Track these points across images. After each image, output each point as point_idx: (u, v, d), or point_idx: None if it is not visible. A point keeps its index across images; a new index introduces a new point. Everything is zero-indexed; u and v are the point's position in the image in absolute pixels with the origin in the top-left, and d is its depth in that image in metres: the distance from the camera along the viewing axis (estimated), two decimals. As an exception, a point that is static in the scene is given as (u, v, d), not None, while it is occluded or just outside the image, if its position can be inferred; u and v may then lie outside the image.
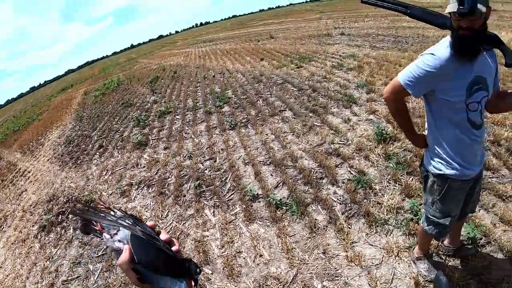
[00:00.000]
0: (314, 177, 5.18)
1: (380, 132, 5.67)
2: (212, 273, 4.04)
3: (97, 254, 5.16)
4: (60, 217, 6.66)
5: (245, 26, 54.40)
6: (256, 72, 12.92)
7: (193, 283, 0.97)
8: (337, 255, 3.79)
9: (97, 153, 9.39)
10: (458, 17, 2.00)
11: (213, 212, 5.09)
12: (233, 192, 5.40)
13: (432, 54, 2.17)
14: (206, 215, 5.07)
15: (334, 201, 4.61)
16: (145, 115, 11.33)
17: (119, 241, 0.94)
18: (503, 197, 4.09)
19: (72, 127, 14.22)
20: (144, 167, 7.35)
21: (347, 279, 3.48)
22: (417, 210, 3.99)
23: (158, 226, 4.84)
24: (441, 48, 2.15)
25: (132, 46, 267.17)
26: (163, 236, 1.00)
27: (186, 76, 16.28)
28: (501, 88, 2.48)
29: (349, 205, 4.45)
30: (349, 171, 5.15)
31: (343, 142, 5.95)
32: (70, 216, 6.50)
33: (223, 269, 3.99)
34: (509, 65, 2.16)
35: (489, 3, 2.03)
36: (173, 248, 0.99)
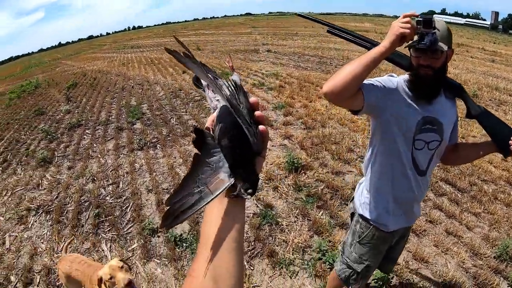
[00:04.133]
0: (218, 210, 4.91)
1: (291, 160, 5.48)
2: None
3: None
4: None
5: (176, 35, 53.44)
6: (176, 86, 12.51)
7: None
8: (237, 302, 3.55)
9: (0, 168, 8.48)
10: (417, 54, 1.89)
11: (110, 246, 4.68)
12: (133, 224, 5.00)
13: (391, 75, 2.09)
14: (103, 250, 4.64)
15: (238, 237, 4.36)
16: (55, 127, 10.45)
17: (218, 100, 0.87)
18: (417, 231, 4.07)
19: (-21, 134, 12.94)
20: (45, 189, 6.67)
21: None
22: (325, 249, 3.82)
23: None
24: (399, 77, 2.06)
25: (60, 45, 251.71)
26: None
27: (105, 84, 15.42)
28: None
29: (253, 243, 4.21)
30: (256, 204, 4.91)
31: (252, 171, 5.70)
32: None
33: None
34: (471, 116, 2.07)
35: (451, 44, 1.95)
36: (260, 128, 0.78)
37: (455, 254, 3.87)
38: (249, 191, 0.72)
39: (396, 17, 1.87)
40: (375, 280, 3.36)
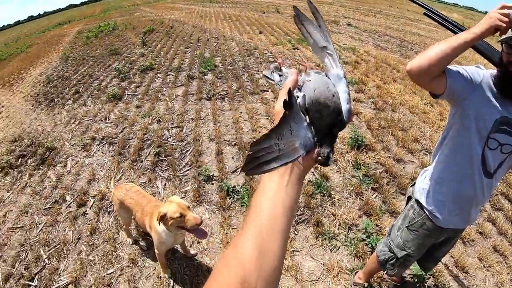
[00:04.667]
0: (275, 171, 4.95)
1: (356, 137, 5.44)
2: (146, 249, 3.94)
3: (45, 206, 5.00)
4: (20, 160, 6.45)
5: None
6: (251, 45, 12.55)
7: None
8: (275, 260, 3.63)
9: (72, 99, 9.10)
10: (509, 51, 1.79)
11: (165, 185, 4.93)
12: (190, 167, 5.23)
13: (478, 66, 2.00)
14: (157, 187, 4.91)
15: (288, 201, 4.40)
16: (128, 67, 10.98)
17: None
18: (465, 239, 3.94)
19: (56, 66, 13.71)
20: (111, 122, 7.12)
21: (278, 288, 3.34)
22: (371, 232, 3.82)
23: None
24: (486, 71, 1.97)
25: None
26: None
27: (181, 34, 15.83)
28: None
29: (302, 209, 4.28)
30: (312, 172, 4.95)
31: (315, 140, 5.67)
32: (29, 161, 6.31)
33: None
34: None
35: None
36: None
37: (496, 273, 3.69)
38: (331, 160, 0.79)
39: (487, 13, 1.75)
40: (412, 276, 3.34)
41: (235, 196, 4.54)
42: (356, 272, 3.34)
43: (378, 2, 43.13)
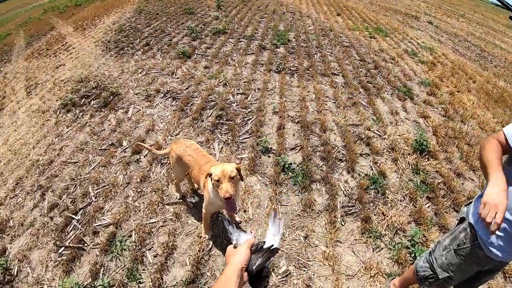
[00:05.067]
0: (334, 156, 4.85)
1: (421, 141, 5.20)
2: (192, 207, 4.00)
3: (100, 147, 5.16)
4: (83, 100, 6.70)
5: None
6: (327, 25, 12.33)
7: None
8: (316, 246, 3.57)
9: (141, 50, 9.31)
10: None
11: (222, 148, 4.94)
12: (249, 136, 5.21)
13: None
14: (214, 148, 4.93)
15: (342, 190, 4.31)
16: (200, 28, 11.08)
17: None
18: (507, 274, 3.69)
19: (129, 17, 14.04)
20: (178, 78, 7.24)
21: (314, 275, 3.31)
22: (417, 241, 3.65)
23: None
24: None
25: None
26: None
27: (257, 3, 15.75)
28: None
29: (354, 201, 4.18)
30: (371, 167, 4.80)
31: (379, 134, 5.52)
32: (92, 102, 6.52)
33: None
34: None
35: None
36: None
37: (529, 318, 3.45)
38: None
39: None
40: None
41: (290, 173, 4.48)
42: (393, 278, 3.23)
43: (462, 5, 41.16)
